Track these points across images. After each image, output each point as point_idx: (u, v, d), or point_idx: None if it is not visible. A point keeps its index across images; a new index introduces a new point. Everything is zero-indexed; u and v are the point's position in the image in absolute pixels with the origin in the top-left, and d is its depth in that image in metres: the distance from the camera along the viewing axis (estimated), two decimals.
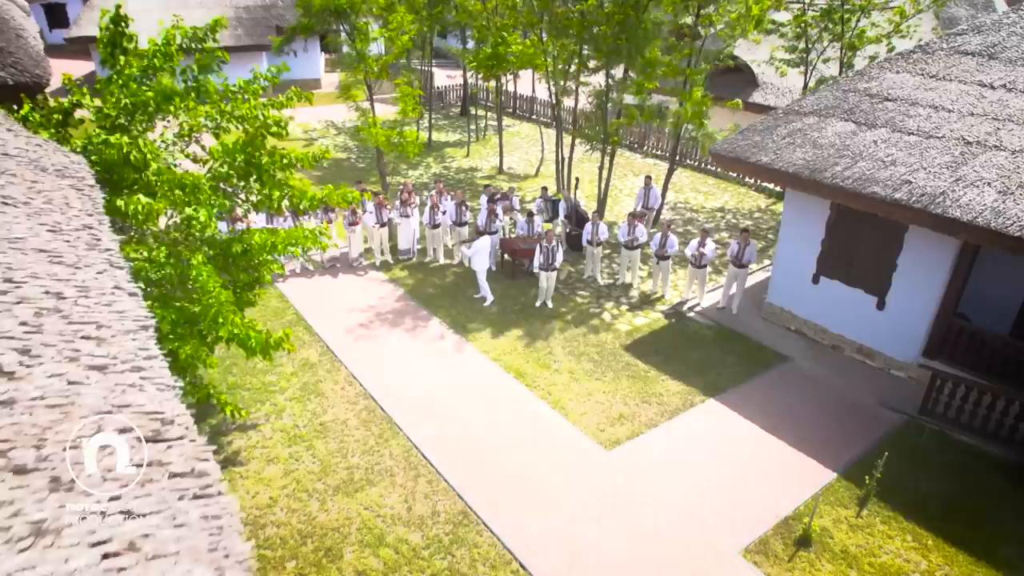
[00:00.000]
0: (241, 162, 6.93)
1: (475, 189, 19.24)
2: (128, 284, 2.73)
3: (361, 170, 20.73)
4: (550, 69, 17.06)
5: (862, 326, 11.14)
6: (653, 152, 23.28)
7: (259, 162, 7.00)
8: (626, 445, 9.01)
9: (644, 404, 9.93)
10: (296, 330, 11.39)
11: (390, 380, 10.17)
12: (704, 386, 10.42)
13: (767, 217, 17.91)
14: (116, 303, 2.50)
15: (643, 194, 15.47)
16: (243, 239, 7.16)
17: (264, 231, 7.43)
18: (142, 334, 2.47)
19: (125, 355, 2.28)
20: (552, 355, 11.10)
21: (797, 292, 11.95)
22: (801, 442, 9.22)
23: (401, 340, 11.39)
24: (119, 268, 2.84)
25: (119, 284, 2.64)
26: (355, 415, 9.32)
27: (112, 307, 2.45)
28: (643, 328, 12.18)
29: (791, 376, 10.89)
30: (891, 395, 10.39)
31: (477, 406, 9.69)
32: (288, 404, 9.47)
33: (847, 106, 10.63)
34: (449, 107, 30.06)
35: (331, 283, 13.35)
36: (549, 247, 12.19)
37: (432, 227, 14.07)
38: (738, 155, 10.98)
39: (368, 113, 15.18)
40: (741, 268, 12.44)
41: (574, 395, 10.03)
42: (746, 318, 12.66)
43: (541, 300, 12.70)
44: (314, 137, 24.48)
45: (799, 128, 10.71)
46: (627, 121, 14.03)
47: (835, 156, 9.97)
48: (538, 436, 9.13)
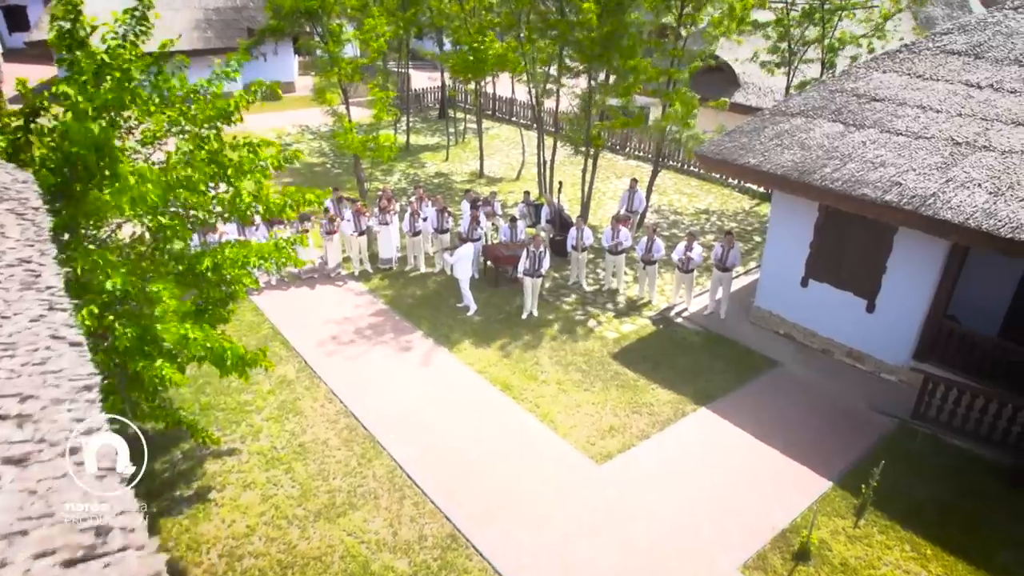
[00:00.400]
0: (204, 159, 6.48)
1: (455, 194, 18.91)
2: (71, 330, 2.35)
3: (337, 176, 20.27)
4: (529, 71, 16.79)
5: (852, 329, 11.00)
6: (635, 153, 23.11)
7: (223, 159, 6.53)
8: (617, 459, 8.74)
9: (634, 415, 9.68)
10: (272, 345, 10.96)
11: (371, 396, 9.80)
12: (695, 394, 10.20)
13: (752, 219, 17.81)
14: (51, 360, 2.14)
15: (627, 197, 15.25)
16: (213, 253, 6.75)
17: (236, 244, 7.03)
18: (82, 398, 2.09)
19: (56, 434, 1.90)
20: (539, 365, 10.80)
21: (786, 295, 11.79)
22: (794, 450, 9.03)
23: (382, 353, 11.01)
24: (61, 310, 2.46)
25: (57, 333, 2.27)
26: (336, 434, 8.94)
27: (45, 367, 2.09)
28: (631, 335, 11.94)
29: (782, 381, 10.72)
30: (882, 399, 10.25)
31: (463, 421, 9.36)
32: (265, 424, 9.05)
33: (834, 106, 10.48)
34: (427, 110, 29.65)
35: (308, 295, 12.92)
36: (536, 252, 11.89)
37: (412, 235, 13.70)
38: (725, 157, 10.78)
39: (344, 118, 14.75)
40: (725, 272, 12.26)
41: (562, 407, 9.74)
42: (734, 323, 12.48)
43: (527, 309, 12.39)
44: (288, 142, 23.92)
45: (787, 129, 10.54)
46: (612, 124, 13.79)
47: (824, 158, 9.80)
48: (527, 451, 8.83)
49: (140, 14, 6.60)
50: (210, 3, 28.27)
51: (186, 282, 6.77)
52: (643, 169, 21.84)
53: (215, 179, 6.56)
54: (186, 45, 26.65)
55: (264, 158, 6.79)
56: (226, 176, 6.57)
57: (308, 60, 27.39)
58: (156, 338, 5.96)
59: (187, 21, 27.13)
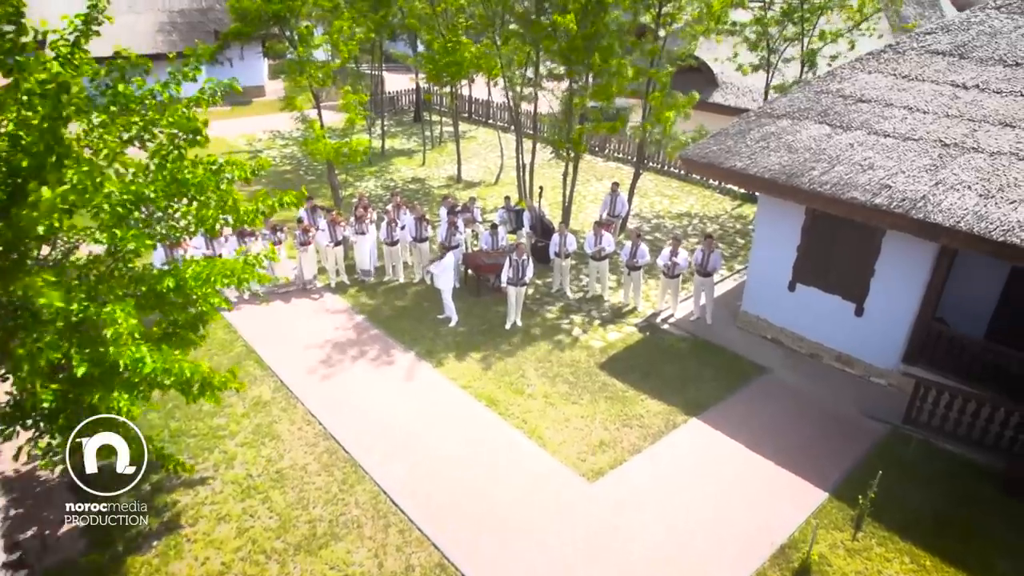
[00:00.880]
0: (165, 177, 6.02)
1: (433, 200, 18.50)
2: None
3: (311, 184, 19.71)
4: (506, 74, 16.47)
5: (840, 333, 10.86)
6: (615, 155, 22.92)
7: (186, 177, 6.08)
8: (609, 475, 8.44)
9: (625, 428, 9.40)
10: (246, 364, 10.47)
11: (352, 416, 9.38)
12: (685, 404, 9.96)
13: (733, 220, 17.69)
14: None
15: (609, 201, 14.99)
16: (175, 272, 6.28)
17: (200, 262, 6.57)
18: None
19: None
20: (525, 378, 10.47)
21: (773, 300, 11.62)
22: (788, 460, 8.83)
23: (362, 370, 10.58)
24: None
25: None
26: (315, 459, 8.51)
27: None
28: (617, 344, 11.67)
29: (771, 388, 10.53)
30: (873, 404, 10.12)
31: (448, 440, 8.99)
32: (240, 450, 8.58)
33: (820, 108, 10.32)
34: (402, 113, 29.16)
35: (283, 309, 12.42)
36: (519, 261, 11.56)
37: (390, 244, 13.28)
38: (711, 160, 10.56)
39: (314, 124, 14.26)
40: (706, 277, 12.07)
41: (551, 422, 9.43)
42: (721, 328, 12.28)
43: (511, 319, 12.06)
44: (259, 148, 23.30)
45: (773, 131, 10.36)
46: (593, 128, 13.52)
47: (811, 160, 9.63)
48: (516, 471, 8.49)
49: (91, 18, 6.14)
50: (174, 5, 27.49)
51: (148, 304, 6.31)
52: (623, 171, 21.67)
53: (177, 196, 6.11)
54: (149, 48, 25.84)
55: (228, 172, 6.31)
56: (189, 194, 6.12)
57: (278, 64, 26.71)
58: (113, 365, 5.51)
59: (150, 24, 26.35)
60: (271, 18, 14.10)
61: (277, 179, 20.01)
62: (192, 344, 7.02)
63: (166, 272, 6.16)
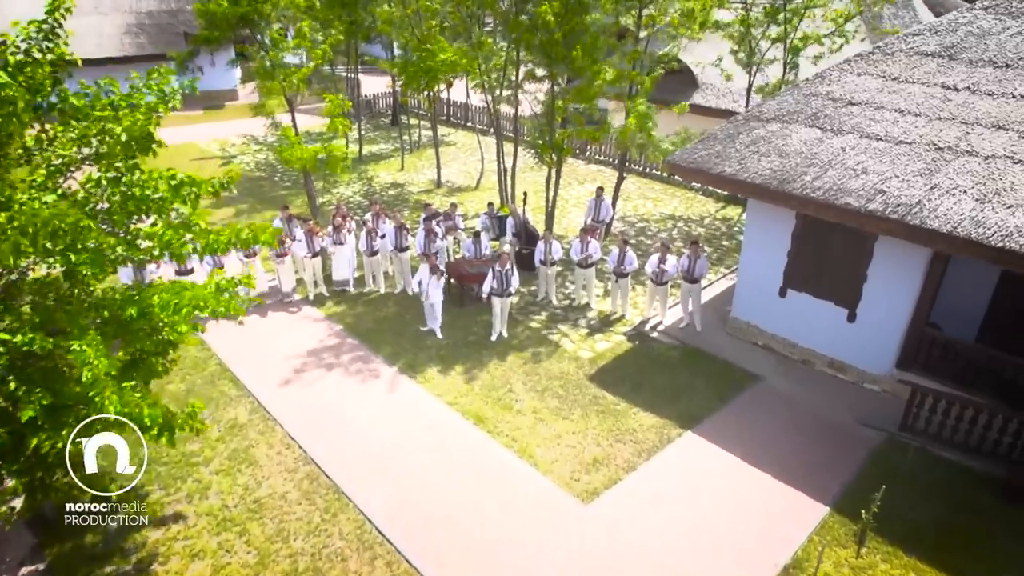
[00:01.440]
0: (122, 193, 5.54)
1: (412, 206, 18.07)
2: None
3: (287, 191, 19.16)
4: (484, 77, 16.09)
5: (833, 339, 10.68)
6: (596, 158, 22.66)
7: (145, 193, 5.58)
8: (604, 496, 8.12)
9: (618, 443, 9.09)
10: (220, 384, 9.98)
11: (333, 438, 8.94)
12: (678, 417, 9.68)
13: (718, 223, 17.51)
14: None
15: (594, 206, 14.71)
16: (140, 299, 5.82)
17: (167, 287, 6.10)
18: None
19: None
20: (513, 393, 10.11)
21: (763, 306, 11.41)
22: (786, 473, 8.59)
23: (343, 388, 10.14)
24: None
25: None
26: (295, 486, 8.06)
27: None
28: (606, 354, 11.37)
29: (764, 397, 10.30)
30: (866, 410, 9.94)
31: (435, 462, 8.59)
32: (214, 479, 8.10)
33: (810, 111, 10.12)
34: (379, 116, 28.63)
35: (260, 324, 11.92)
36: (503, 271, 11.21)
37: (370, 254, 12.84)
38: (700, 166, 10.31)
39: (288, 131, 13.74)
40: (693, 283, 11.83)
41: (541, 439, 9.08)
42: (711, 334, 12.05)
43: (497, 330, 11.69)
44: (232, 154, 22.65)
45: (762, 136, 10.13)
46: (577, 133, 13.20)
47: (803, 165, 9.41)
48: (507, 493, 8.13)
49: (49, 27, 5.66)
50: (142, 6, 26.69)
51: (111, 332, 5.84)
52: (604, 174, 21.43)
53: (137, 215, 5.63)
54: (116, 51, 25.09)
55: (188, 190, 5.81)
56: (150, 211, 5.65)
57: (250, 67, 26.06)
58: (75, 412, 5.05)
59: (117, 26, 25.54)
60: (239, 21, 13.56)
61: (252, 186, 19.43)
62: (157, 374, 6.55)
63: (130, 298, 5.69)
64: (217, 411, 9.37)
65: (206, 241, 6.03)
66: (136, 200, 5.49)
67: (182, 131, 25.11)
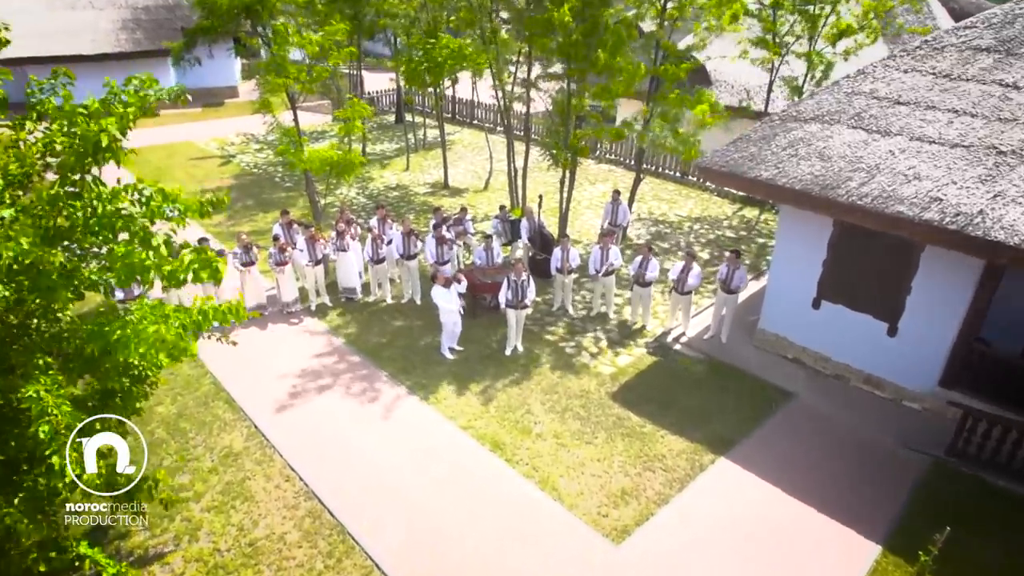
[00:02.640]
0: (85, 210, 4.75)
1: (418, 208, 17.32)
2: None
3: (287, 193, 18.41)
4: (494, 72, 15.32)
5: (870, 354, 9.94)
6: (608, 157, 21.88)
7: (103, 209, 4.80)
8: (636, 534, 7.39)
9: (647, 472, 8.36)
10: (214, 406, 9.25)
11: (337, 469, 8.20)
12: (710, 440, 8.95)
13: (737, 224, 16.75)
14: None
15: (611, 210, 13.95)
16: (105, 333, 4.98)
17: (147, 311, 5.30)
18: None
19: None
20: (531, 415, 9.39)
21: (794, 318, 10.67)
22: (831, 505, 7.85)
23: (347, 410, 9.40)
24: None
25: None
26: (295, 525, 7.33)
27: None
28: (628, 369, 10.63)
29: (799, 417, 9.57)
30: (908, 431, 9.23)
31: (449, 496, 7.86)
32: (205, 517, 7.37)
33: (853, 111, 9.35)
34: (383, 114, 27.85)
35: (258, 337, 11.19)
36: (518, 281, 10.47)
37: (376, 262, 12.10)
38: (732, 170, 9.55)
39: (292, 132, 12.96)
40: (731, 294, 11.09)
41: (564, 468, 8.35)
42: (737, 347, 11.31)
43: (512, 344, 10.96)
44: (231, 153, 21.90)
45: (801, 137, 9.37)
46: (597, 132, 12.44)
47: (848, 170, 8.65)
48: (529, 531, 7.40)
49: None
50: (139, 2, 25.89)
51: (76, 369, 5.09)
52: (616, 173, 20.67)
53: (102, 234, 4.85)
54: (111, 47, 24.33)
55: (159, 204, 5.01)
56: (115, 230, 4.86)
57: (251, 64, 25.28)
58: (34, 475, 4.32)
59: (112, 21, 24.76)
60: (241, 12, 12.76)
61: (252, 186, 18.69)
62: (136, 411, 5.83)
63: (94, 332, 4.88)
64: (211, 437, 8.65)
65: (170, 268, 5.18)
66: (99, 217, 4.72)
67: (180, 129, 24.40)
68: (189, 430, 8.78)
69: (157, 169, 19.79)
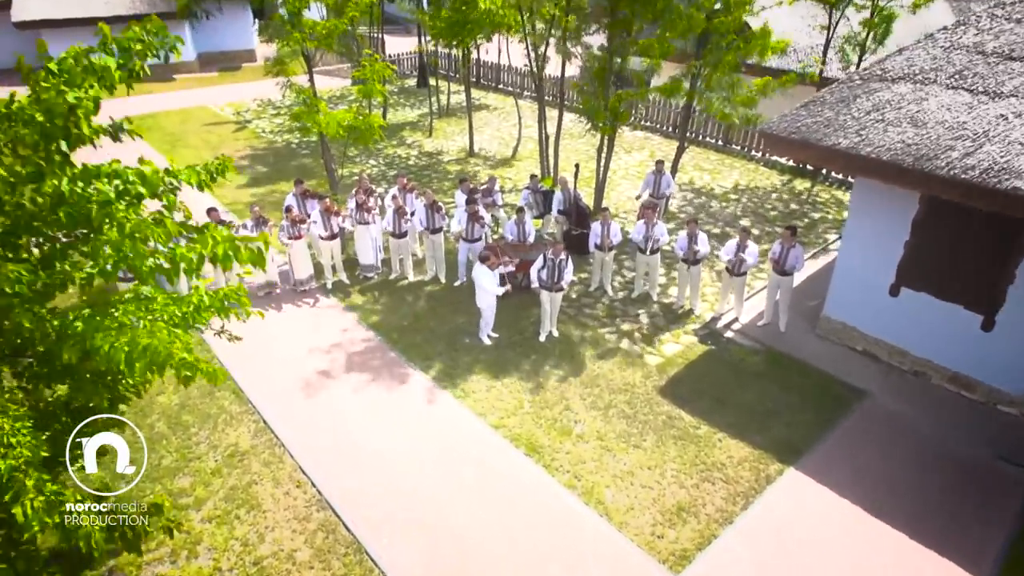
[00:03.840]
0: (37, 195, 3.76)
1: (444, 179, 16.21)
2: None
3: (304, 161, 17.39)
4: (528, 30, 14.01)
5: (959, 350, 8.73)
6: (642, 124, 20.46)
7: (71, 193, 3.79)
8: (698, 561, 6.38)
9: (705, 483, 7.33)
10: (220, 397, 8.37)
11: (354, 474, 7.27)
12: (775, 446, 7.88)
13: (788, 198, 15.40)
14: None
15: (653, 180, 12.71)
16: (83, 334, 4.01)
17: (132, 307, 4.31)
18: None
19: None
20: (570, 411, 8.38)
21: (866, 305, 9.46)
22: (926, 530, 6.76)
23: (366, 404, 8.45)
24: None
25: None
26: (306, 540, 6.44)
27: None
28: (677, 359, 9.55)
29: (876, 420, 8.44)
30: (1007, 441, 8.05)
31: (480, 509, 6.91)
32: (206, 529, 6.50)
33: (953, 68, 8.00)
34: (404, 78, 26.57)
35: (269, 318, 10.21)
36: (556, 261, 9.38)
37: (397, 236, 11.06)
38: (805, 137, 8.28)
39: (307, 92, 11.86)
40: (785, 276, 9.90)
41: (610, 476, 7.35)
42: (796, 336, 10.16)
43: (546, 329, 9.93)
44: (247, 119, 20.88)
45: (888, 100, 8.05)
46: (640, 94, 11.16)
47: (948, 138, 7.36)
48: (572, 554, 6.43)
49: None
50: None
51: (45, 375, 4.15)
52: (653, 141, 19.32)
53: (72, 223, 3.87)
54: (125, 10, 23.43)
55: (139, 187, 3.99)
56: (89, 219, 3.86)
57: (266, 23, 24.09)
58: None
59: None
60: None
61: (269, 154, 17.72)
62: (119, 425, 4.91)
63: (67, 333, 3.93)
64: (215, 433, 7.77)
65: (172, 255, 4.20)
66: (69, 205, 3.73)
67: (195, 94, 23.48)
68: (192, 424, 7.92)
69: (171, 135, 18.90)
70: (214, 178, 4.54)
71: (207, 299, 4.46)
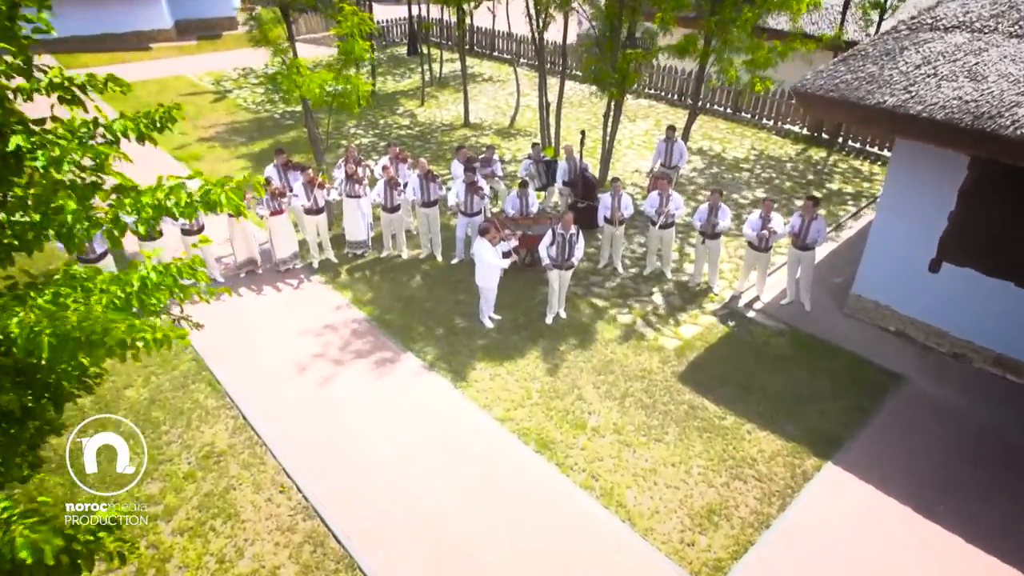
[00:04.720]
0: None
1: (438, 149, 15.25)
2: None
3: (288, 131, 16.37)
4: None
5: (1006, 330, 7.99)
6: (646, 91, 19.46)
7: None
8: (734, 571, 5.66)
9: (736, 481, 6.59)
10: (195, 391, 7.53)
11: (344, 475, 6.48)
12: (809, 438, 7.14)
13: (804, 167, 14.55)
14: None
15: (664, 149, 11.81)
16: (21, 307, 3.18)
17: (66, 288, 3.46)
18: None
19: None
20: (583, 401, 7.59)
21: (902, 282, 8.69)
22: (984, 533, 6.06)
23: (356, 396, 7.64)
24: None
25: None
26: (291, 555, 5.66)
27: None
28: (696, 342, 8.78)
29: (917, 408, 7.71)
30: None
31: (487, 516, 6.14)
32: (177, 543, 5.71)
33: (1018, 15, 7.11)
34: (394, 46, 25.38)
35: (249, 301, 9.39)
36: (566, 236, 8.54)
37: (389, 210, 10.15)
38: (844, 95, 7.41)
39: (285, 52, 10.84)
40: (805, 251, 9.12)
41: (631, 476, 6.59)
42: (823, 315, 9.39)
43: (554, 310, 9.12)
44: (227, 88, 19.74)
45: (941, 51, 7.18)
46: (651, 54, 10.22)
47: (1013, 92, 6.51)
48: (593, 567, 5.69)
49: None
50: None
51: None
52: (658, 109, 18.36)
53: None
54: None
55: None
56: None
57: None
58: None
59: None
60: None
61: (252, 125, 16.67)
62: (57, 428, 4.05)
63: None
64: (188, 431, 6.95)
65: (132, 202, 3.38)
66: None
67: (173, 63, 22.24)
68: (163, 421, 7.09)
69: (145, 105, 17.50)
70: (159, 128, 3.68)
71: (155, 275, 3.57)
